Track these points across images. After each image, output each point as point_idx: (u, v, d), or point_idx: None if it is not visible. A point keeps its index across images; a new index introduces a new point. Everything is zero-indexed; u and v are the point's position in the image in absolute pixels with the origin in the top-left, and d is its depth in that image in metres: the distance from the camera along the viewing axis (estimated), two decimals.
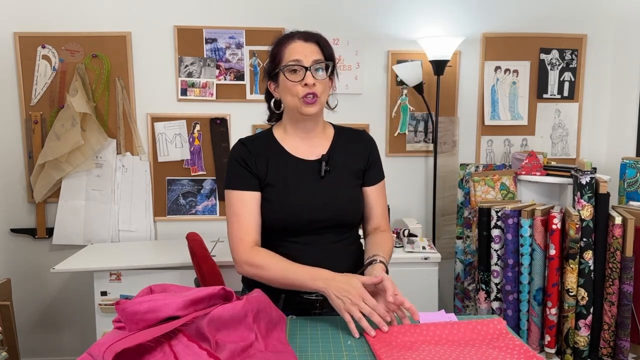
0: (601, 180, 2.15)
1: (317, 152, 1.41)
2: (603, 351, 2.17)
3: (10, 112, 2.78)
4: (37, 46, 2.74)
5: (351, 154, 1.43)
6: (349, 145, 1.44)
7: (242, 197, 1.35)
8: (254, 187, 1.36)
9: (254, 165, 1.37)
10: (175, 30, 2.79)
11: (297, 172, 1.38)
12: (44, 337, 2.96)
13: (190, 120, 2.86)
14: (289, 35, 1.35)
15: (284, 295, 1.38)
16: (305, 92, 1.30)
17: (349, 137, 1.46)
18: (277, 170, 1.38)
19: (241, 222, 1.35)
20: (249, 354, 1.03)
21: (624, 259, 2.10)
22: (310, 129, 1.41)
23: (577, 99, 3.01)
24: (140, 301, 1.02)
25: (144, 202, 2.88)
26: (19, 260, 2.88)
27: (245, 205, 1.35)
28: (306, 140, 1.41)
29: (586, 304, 2.14)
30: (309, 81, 1.30)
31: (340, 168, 1.40)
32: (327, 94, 1.37)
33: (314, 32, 1.36)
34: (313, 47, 1.32)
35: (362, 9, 2.86)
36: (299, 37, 1.33)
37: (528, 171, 2.52)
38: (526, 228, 2.20)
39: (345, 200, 1.39)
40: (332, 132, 1.46)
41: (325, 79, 1.33)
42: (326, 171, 1.38)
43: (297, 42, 1.32)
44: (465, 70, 2.95)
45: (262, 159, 1.38)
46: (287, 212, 1.35)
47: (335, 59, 1.38)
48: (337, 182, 1.39)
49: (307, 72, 1.30)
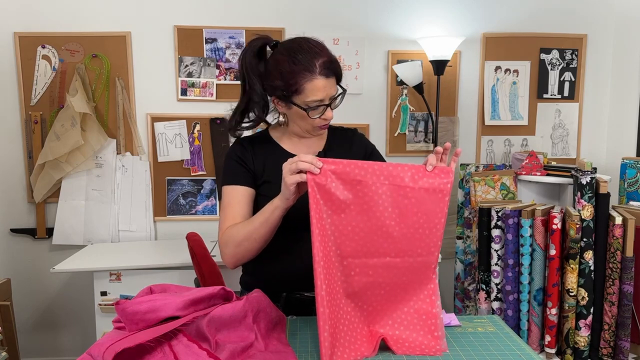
0: (601, 180, 2.15)
1: (313, 150, 1.43)
2: (603, 351, 2.17)
3: (10, 112, 2.78)
4: (37, 46, 2.74)
5: (346, 150, 1.46)
6: (344, 142, 1.48)
7: (233, 191, 1.37)
8: (246, 182, 1.37)
9: (251, 162, 1.39)
10: (175, 30, 2.79)
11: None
12: (44, 337, 2.96)
13: (190, 120, 2.86)
14: (307, 64, 1.26)
15: (284, 294, 1.38)
16: (322, 124, 1.34)
17: (342, 135, 1.51)
18: (274, 168, 1.38)
19: (227, 213, 1.35)
20: (249, 354, 1.03)
21: (624, 259, 2.09)
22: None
23: (577, 99, 3.01)
24: (140, 301, 1.02)
25: (144, 202, 2.87)
26: (19, 260, 2.88)
27: (234, 198, 1.36)
28: (303, 140, 1.44)
29: (586, 304, 2.14)
30: (329, 116, 1.33)
31: None
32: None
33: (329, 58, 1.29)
34: (331, 82, 1.30)
35: (362, 9, 2.85)
36: (321, 72, 1.26)
37: (528, 171, 2.52)
38: (526, 228, 2.20)
39: None
40: (326, 130, 1.48)
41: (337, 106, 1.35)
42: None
43: (319, 80, 1.26)
44: (466, 70, 2.95)
45: (260, 156, 1.40)
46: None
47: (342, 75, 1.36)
48: None
49: (328, 109, 1.31)
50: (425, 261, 1.16)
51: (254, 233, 1.26)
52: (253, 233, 1.26)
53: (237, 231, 1.29)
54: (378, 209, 1.13)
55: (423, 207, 1.14)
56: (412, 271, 1.17)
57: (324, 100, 1.29)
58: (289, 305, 1.38)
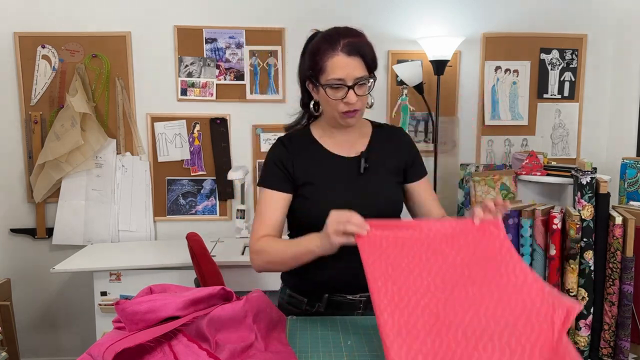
0: (601, 180, 2.15)
1: (355, 149, 1.39)
2: (603, 351, 2.17)
3: (10, 112, 2.78)
4: (37, 46, 2.74)
5: (390, 151, 1.41)
6: (388, 142, 1.43)
7: (271, 196, 1.37)
8: (284, 188, 1.36)
9: (291, 166, 1.37)
10: (175, 30, 2.79)
11: (336, 169, 1.37)
12: (44, 337, 2.96)
13: (190, 120, 2.86)
14: (332, 42, 1.25)
15: (326, 295, 1.38)
16: (346, 109, 1.29)
17: (387, 134, 1.45)
18: (315, 168, 1.37)
19: (262, 219, 1.36)
20: (249, 354, 1.03)
21: (624, 259, 2.09)
22: (348, 130, 1.39)
23: (577, 99, 3.01)
24: (140, 301, 1.02)
25: (144, 202, 2.87)
26: (19, 260, 2.88)
27: (272, 205, 1.36)
28: (344, 138, 1.40)
29: (586, 304, 2.14)
30: (352, 100, 1.26)
31: (379, 164, 1.39)
32: (366, 101, 1.32)
33: (358, 39, 1.26)
34: (356, 62, 1.24)
35: (362, 9, 2.85)
36: (342, 49, 1.24)
37: (528, 171, 2.52)
38: (526, 228, 2.20)
39: (385, 197, 1.37)
40: (370, 129, 1.44)
41: (367, 93, 1.29)
42: (365, 168, 1.36)
43: (340, 57, 1.24)
44: (466, 70, 2.95)
45: (301, 157, 1.38)
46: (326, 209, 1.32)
47: (376, 62, 1.31)
48: (376, 179, 1.37)
49: (350, 91, 1.25)
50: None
51: (285, 262, 1.29)
52: (284, 261, 1.29)
53: (270, 250, 1.30)
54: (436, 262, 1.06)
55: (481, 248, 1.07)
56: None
57: (346, 81, 1.25)
58: (330, 306, 1.37)
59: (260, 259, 1.32)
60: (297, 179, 1.37)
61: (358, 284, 1.34)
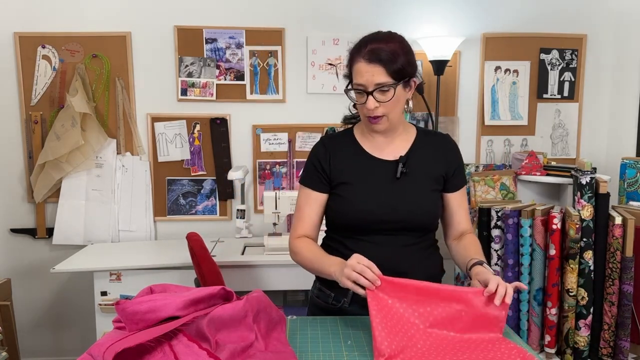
0: (601, 180, 2.15)
1: (396, 152, 1.39)
2: (603, 351, 2.17)
3: (10, 112, 2.78)
4: (37, 46, 2.74)
5: (432, 158, 1.40)
6: (432, 149, 1.42)
7: (308, 195, 1.42)
8: (321, 188, 1.41)
9: (328, 165, 1.40)
10: (175, 30, 2.79)
11: (373, 171, 1.38)
12: (44, 337, 2.96)
13: (190, 120, 2.86)
14: (359, 48, 1.30)
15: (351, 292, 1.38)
16: (368, 115, 1.31)
17: (432, 140, 1.44)
18: (353, 169, 1.38)
19: (301, 216, 1.43)
20: (249, 354, 1.03)
21: (624, 259, 2.10)
22: (388, 134, 1.40)
23: (577, 99, 3.01)
24: (140, 301, 1.02)
25: (144, 202, 2.87)
26: (19, 260, 2.88)
27: (308, 203, 1.42)
28: (387, 141, 1.40)
29: (586, 304, 2.14)
30: (370, 106, 1.28)
31: (418, 171, 1.38)
32: (398, 107, 1.32)
33: (382, 45, 1.27)
34: (376, 69, 1.26)
35: (362, 9, 2.85)
36: (364, 56, 1.27)
37: (528, 171, 2.52)
38: (526, 228, 2.20)
39: (419, 203, 1.36)
40: (415, 134, 1.44)
41: (390, 99, 1.28)
42: (402, 172, 1.36)
43: (361, 63, 1.27)
44: (465, 70, 2.95)
45: (339, 157, 1.40)
46: (359, 210, 1.35)
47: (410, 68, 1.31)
48: (413, 185, 1.37)
49: (369, 97, 1.27)
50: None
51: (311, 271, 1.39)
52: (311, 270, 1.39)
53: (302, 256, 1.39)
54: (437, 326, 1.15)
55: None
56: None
57: (366, 87, 1.27)
58: (355, 302, 1.37)
59: (295, 258, 1.42)
60: (333, 178, 1.40)
61: None
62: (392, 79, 1.27)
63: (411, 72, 1.32)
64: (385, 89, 1.27)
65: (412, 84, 1.35)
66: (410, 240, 1.37)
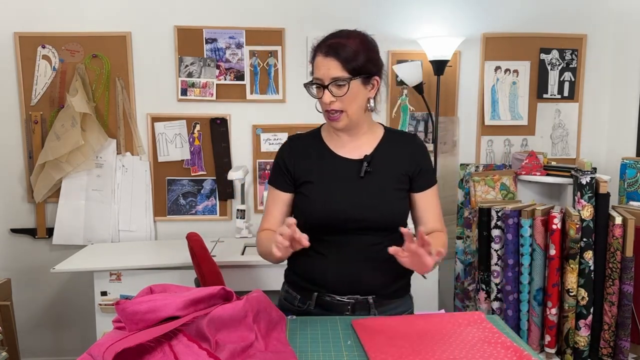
0: (601, 180, 2.15)
1: (361, 151, 1.39)
2: (603, 351, 2.17)
3: (10, 112, 2.78)
4: (37, 46, 2.74)
5: (398, 158, 1.40)
6: (398, 148, 1.41)
7: (274, 194, 1.45)
8: (285, 188, 1.42)
9: (292, 165, 1.41)
10: (175, 30, 2.79)
11: (338, 170, 1.38)
12: (44, 337, 2.96)
13: (190, 120, 2.86)
14: (319, 43, 1.32)
15: (316, 294, 1.39)
16: (325, 109, 1.32)
17: (398, 140, 1.44)
18: (318, 168, 1.39)
19: (266, 214, 1.47)
20: (249, 354, 1.03)
21: (624, 259, 2.10)
22: (353, 133, 1.40)
23: (577, 99, 3.01)
24: (140, 301, 1.02)
25: (144, 202, 2.87)
26: (19, 260, 2.88)
27: (274, 202, 1.45)
28: (351, 140, 1.40)
29: (586, 304, 2.14)
30: (326, 100, 1.29)
31: (383, 170, 1.38)
32: (357, 103, 1.32)
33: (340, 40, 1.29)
34: (332, 63, 1.27)
35: (362, 9, 2.85)
36: (321, 50, 1.29)
37: (528, 171, 2.52)
38: (526, 228, 2.20)
39: (382, 202, 1.36)
40: (382, 133, 1.44)
41: (346, 94, 1.28)
42: (366, 171, 1.36)
43: (319, 57, 1.29)
44: (465, 70, 2.95)
45: (304, 156, 1.41)
46: (322, 209, 1.35)
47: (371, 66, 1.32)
48: (377, 184, 1.36)
49: (325, 91, 1.28)
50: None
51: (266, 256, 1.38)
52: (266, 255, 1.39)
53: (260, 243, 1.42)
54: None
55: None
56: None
57: (323, 81, 1.29)
58: (319, 306, 1.38)
59: (258, 250, 1.44)
60: (297, 178, 1.40)
61: (347, 286, 1.36)
62: (348, 73, 1.28)
63: (372, 70, 1.33)
64: (341, 84, 1.28)
65: (374, 82, 1.35)
66: (377, 239, 1.36)
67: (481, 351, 1.09)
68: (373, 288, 1.37)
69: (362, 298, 1.37)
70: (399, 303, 1.44)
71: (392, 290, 1.42)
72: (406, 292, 1.49)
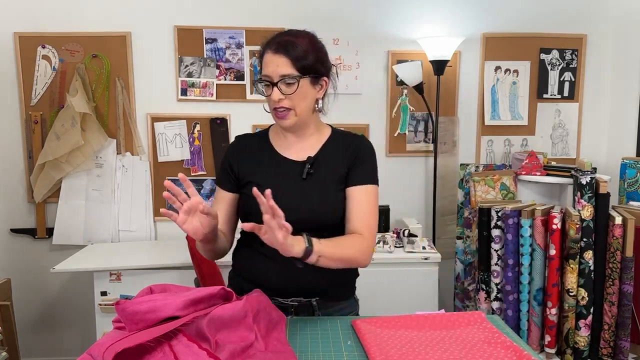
0: (601, 180, 2.15)
1: (306, 153, 1.38)
2: (603, 351, 2.17)
3: (10, 112, 2.78)
4: (37, 46, 2.74)
5: (341, 159, 1.38)
6: (342, 149, 1.39)
7: (219, 194, 1.44)
8: (230, 188, 1.42)
9: (237, 165, 1.40)
10: (175, 30, 2.79)
11: (282, 172, 1.37)
12: (44, 337, 2.96)
13: (190, 120, 2.86)
14: (268, 41, 1.33)
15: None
16: (274, 106, 1.31)
17: (344, 141, 1.41)
18: (261, 169, 1.38)
19: None
20: (249, 354, 1.03)
21: (624, 259, 2.10)
22: (300, 133, 1.39)
23: (577, 99, 3.01)
24: (140, 301, 1.02)
25: (144, 202, 2.87)
26: (19, 260, 2.88)
27: (219, 202, 1.44)
28: (297, 141, 1.40)
29: (586, 304, 2.14)
30: (274, 97, 1.28)
31: (326, 171, 1.36)
32: (305, 102, 1.32)
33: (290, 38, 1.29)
34: (282, 60, 1.27)
35: (362, 9, 2.85)
36: (270, 47, 1.30)
37: (528, 171, 2.52)
38: (526, 228, 2.20)
39: (323, 204, 1.34)
40: (328, 134, 1.42)
41: (295, 92, 1.28)
42: (309, 173, 1.35)
43: (269, 54, 1.30)
44: (465, 70, 2.95)
45: (249, 157, 1.40)
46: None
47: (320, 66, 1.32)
48: (318, 185, 1.35)
49: (274, 88, 1.28)
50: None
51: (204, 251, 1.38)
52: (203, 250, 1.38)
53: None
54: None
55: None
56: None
57: (272, 78, 1.29)
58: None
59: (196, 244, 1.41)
60: (242, 178, 1.40)
61: (291, 289, 1.35)
62: (298, 71, 1.28)
63: (320, 70, 1.32)
64: (290, 81, 1.28)
65: (322, 83, 1.35)
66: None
67: (481, 351, 1.09)
68: (316, 290, 1.36)
69: (305, 300, 1.36)
70: (344, 305, 1.43)
71: (336, 292, 1.40)
72: (351, 293, 1.48)
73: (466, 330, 1.20)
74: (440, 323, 1.23)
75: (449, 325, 1.22)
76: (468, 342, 1.13)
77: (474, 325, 1.22)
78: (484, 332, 1.18)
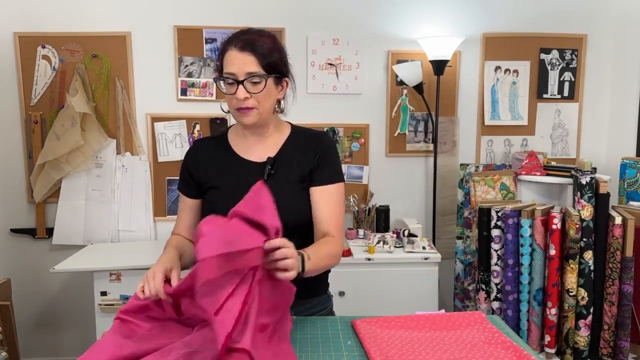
0: (601, 180, 2.15)
1: (266, 154, 1.36)
2: (603, 351, 2.17)
3: (10, 112, 2.78)
4: (37, 46, 2.74)
5: (302, 157, 1.36)
6: (302, 148, 1.38)
7: (183, 200, 1.45)
8: (190, 193, 1.42)
9: (196, 170, 1.39)
10: (175, 30, 2.79)
11: (242, 174, 1.35)
12: (44, 337, 2.96)
13: (190, 120, 2.86)
14: (231, 39, 1.29)
15: None
16: (238, 105, 1.28)
17: (304, 139, 1.40)
18: (222, 173, 1.36)
19: (178, 219, 1.47)
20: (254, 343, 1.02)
21: (624, 259, 2.10)
22: (259, 133, 1.37)
23: (577, 99, 3.01)
24: None
25: (144, 202, 2.87)
26: (19, 260, 2.88)
27: (183, 209, 1.45)
28: (257, 142, 1.38)
29: (586, 304, 2.14)
30: (240, 96, 1.25)
31: (287, 171, 1.35)
32: (269, 101, 1.31)
33: (255, 37, 1.27)
34: (248, 58, 1.25)
35: (362, 9, 2.85)
36: (235, 45, 1.26)
37: (528, 171, 2.52)
38: (526, 228, 2.20)
39: (285, 205, 1.28)
40: (288, 133, 1.41)
41: (261, 91, 1.27)
42: (269, 174, 1.33)
43: (233, 52, 1.26)
44: (465, 70, 2.95)
45: (208, 161, 1.39)
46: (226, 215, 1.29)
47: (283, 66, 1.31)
48: (280, 186, 1.31)
49: (240, 87, 1.25)
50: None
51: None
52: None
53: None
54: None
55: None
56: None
57: (237, 76, 1.25)
58: None
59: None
60: (202, 183, 1.38)
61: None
62: (264, 70, 1.26)
63: (283, 70, 1.32)
64: (257, 80, 1.26)
65: (284, 84, 1.34)
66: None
67: (481, 351, 1.09)
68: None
69: None
70: (316, 302, 1.43)
71: (306, 290, 1.34)
72: (323, 291, 1.47)
73: (466, 330, 1.20)
74: (440, 323, 1.23)
75: (449, 325, 1.22)
76: (468, 342, 1.13)
77: (474, 325, 1.22)
78: (484, 332, 1.18)
